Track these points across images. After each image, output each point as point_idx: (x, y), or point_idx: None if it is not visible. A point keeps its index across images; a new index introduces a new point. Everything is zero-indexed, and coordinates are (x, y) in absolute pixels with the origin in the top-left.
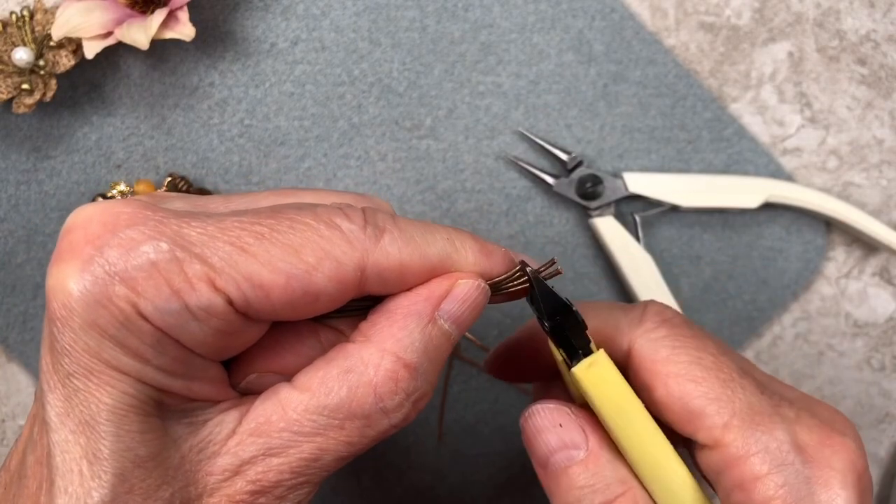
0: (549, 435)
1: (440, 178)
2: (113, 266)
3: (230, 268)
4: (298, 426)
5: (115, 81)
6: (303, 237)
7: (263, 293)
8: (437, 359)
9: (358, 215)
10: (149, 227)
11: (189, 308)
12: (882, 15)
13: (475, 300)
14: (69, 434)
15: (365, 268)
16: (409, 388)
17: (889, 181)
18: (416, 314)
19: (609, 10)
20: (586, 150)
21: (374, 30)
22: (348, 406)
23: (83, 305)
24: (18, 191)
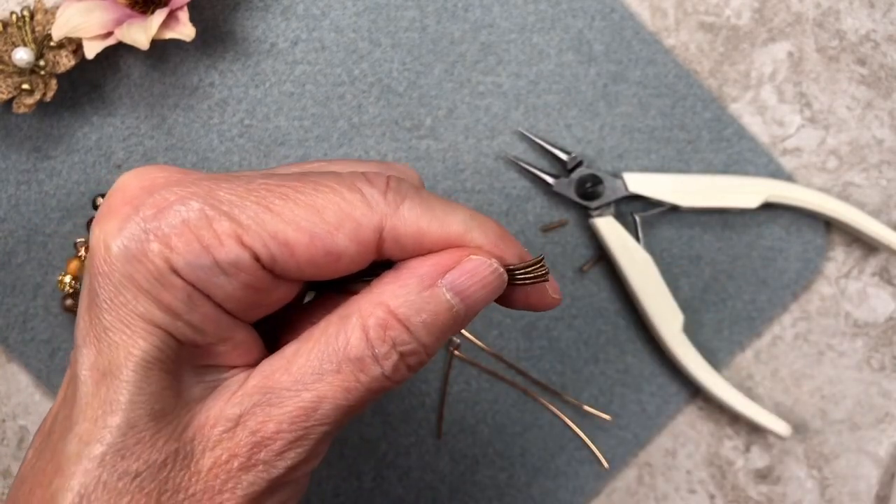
0: None
1: (440, 178)
2: (148, 223)
3: (257, 225)
4: (299, 374)
5: (116, 81)
6: (325, 199)
7: (288, 250)
8: (433, 325)
9: (381, 181)
10: (181, 188)
11: (218, 263)
12: (882, 15)
13: (484, 278)
14: (94, 385)
15: (383, 230)
16: (397, 338)
17: (889, 181)
18: (419, 276)
19: (609, 11)
20: (586, 150)
21: (374, 30)
22: (344, 349)
23: (121, 261)
24: (18, 191)
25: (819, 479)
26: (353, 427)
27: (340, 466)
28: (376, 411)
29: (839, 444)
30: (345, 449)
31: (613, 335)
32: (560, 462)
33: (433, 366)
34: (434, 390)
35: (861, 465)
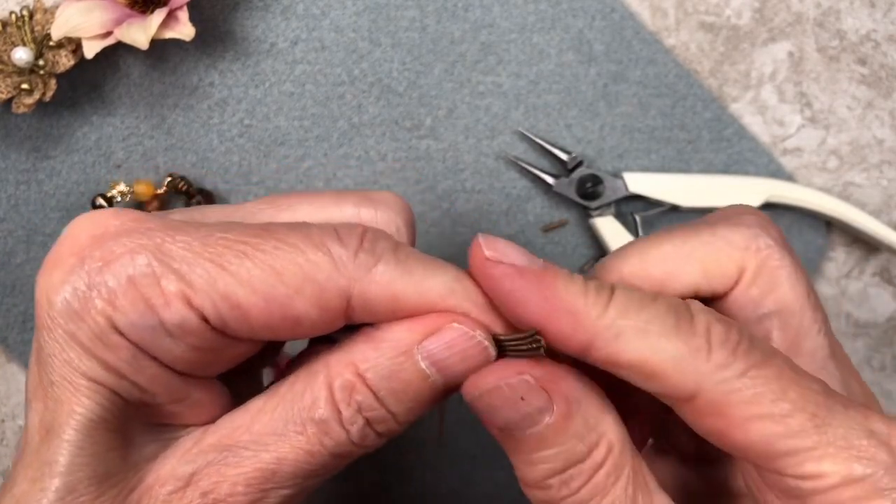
0: (508, 411)
1: (440, 178)
2: (92, 278)
3: (207, 285)
4: (261, 432)
5: (115, 81)
6: (286, 259)
7: (240, 313)
8: (404, 393)
9: (353, 239)
10: (131, 240)
11: (164, 324)
12: (882, 15)
13: (465, 350)
14: (38, 443)
15: (351, 296)
16: (363, 403)
17: (889, 181)
18: (394, 340)
19: (609, 10)
20: (586, 150)
21: (374, 29)
22: (309, 409)
23: (64, 316)
24: (18, 191)
25: None
26: None
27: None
28: None
29: None
30: None
31: None
32: None
33: None
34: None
35: None
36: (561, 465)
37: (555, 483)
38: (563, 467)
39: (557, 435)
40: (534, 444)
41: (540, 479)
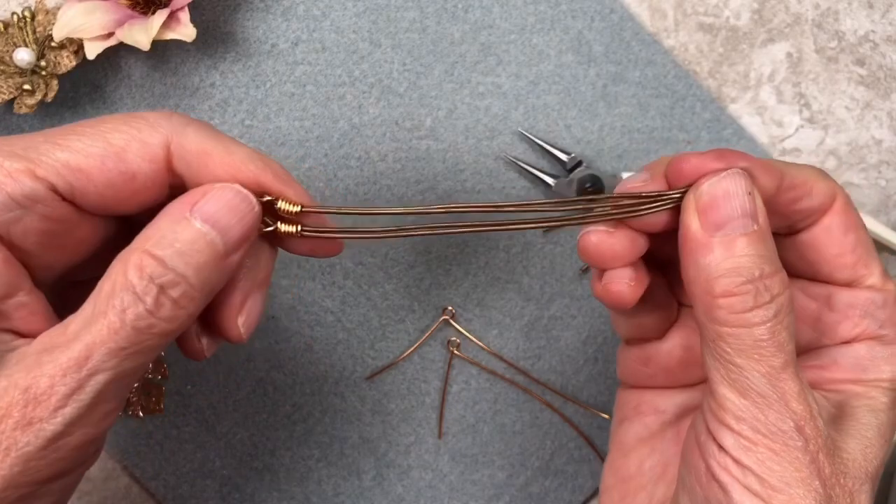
0: (738, 200)
1: (440, 178)
2: None
3: (48, 158)
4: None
5: (117, 82)
6: (111, 127)
7: (83, 176)
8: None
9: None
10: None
11: (12, 197)
12: (880, 16)
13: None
14: None
15: (170, 146)
16: (153, 272)
17: (888, 181)
18: (169, 214)
19: (608, 11)
20: (586, 151)
21: (374, 31)
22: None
23: None
24: None
25: None
26: (353, 426)
27: (341, 465)
28: (376, 410)
29: None
30: (345, 448)
31: (613, 335)
32: (559, 461)
33: (433, 365)
34: (434, 389)
35: None
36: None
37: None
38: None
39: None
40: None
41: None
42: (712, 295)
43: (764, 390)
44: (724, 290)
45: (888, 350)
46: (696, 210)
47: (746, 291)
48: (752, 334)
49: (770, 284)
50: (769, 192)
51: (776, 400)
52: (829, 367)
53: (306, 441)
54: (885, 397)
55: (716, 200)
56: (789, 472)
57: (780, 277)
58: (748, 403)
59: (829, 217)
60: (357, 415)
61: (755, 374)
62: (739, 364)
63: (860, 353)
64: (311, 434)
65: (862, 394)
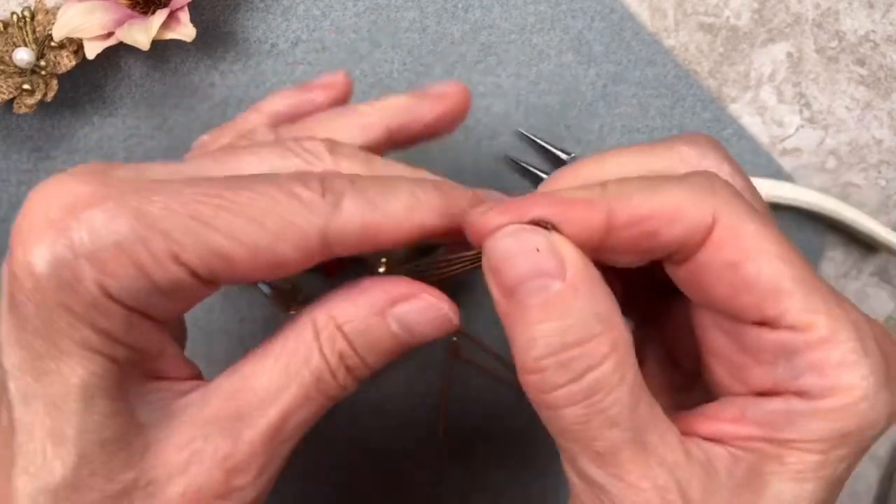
0: (521, 260)
1: None
2: (78, 248)
3: (194, 242)
4: (264, 392)
5: (116, 82)
6: (264, 207)
7: (227, 263)
8: (375, 346)
9: (315, 182)
10: (110, 207)
11: (156, 284)
12: (881, 16)
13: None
14: (34, 415)
15: (327, 234)
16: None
17: (888, 181)
18: (371, 301)
19: (608, 11)
20: (586, 151)
21: (374, 30)
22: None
23: (53, 288)
24: (19, 190)
25: None
26: (352, 426)
27: (340, 466)
28: (375, 411)
29: None
30: (345, 449)
31: None
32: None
33: (433, 365)
34: (435, 390)
35: (860, 465)
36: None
37: (551, 364)
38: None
39: (564, 305)
40: (537, 314)
41: (539, 358)
42: (520, 372)
43: (597, 479)
44: (526, 367)
45: (808, 406)
46: (489, 274)
47: (544, 368)
48: (563, 417)
49: (578, 356)
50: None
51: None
52: (740, 421)
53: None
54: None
55: (496, 263)
56: None
57: (595, 344)
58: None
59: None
60: (356, 415)
61: (582, 459)
62: (567, 447)
63: (775, 409)
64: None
65: (775, 457)
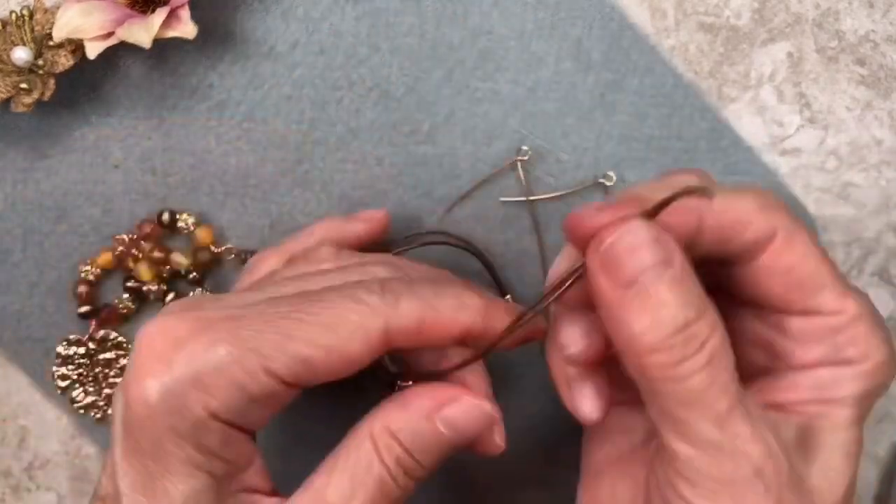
0: (644, 251)
1: (437, 183)
2: (183, 377)
3: (281, 353)
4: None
5: (114, 82)
6: (335, 316)
7: (309, 367)
8: (429, 450)
9: (376, 286)
10: (207, 337)
11: (252, 397)
12: (881, 15)
13: (476, 418)
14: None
15: (389, 330)
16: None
17: (888, 181)
18: (420, 408)
19: (608, 19)
20: (581, 158)
21: (372, 34)
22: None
23: (164, 414)
24: (15, 189)
25: None
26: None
27: None
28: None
29: None
30: None
31: None
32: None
33: None
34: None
35: (860, 465)
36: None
37: (679, 341)
38: (684, 323)
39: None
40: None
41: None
42: (639, 355)
43: (714, 439)
44: (648, 348)
45: (851, 370)
46: (602, 270)
47: (673, 345)
48: (688, 387)
49: (698, 330)
50: (687, 234)
51: (729, 447)
52: (790, 390)
53: (299, 445)
54: (848, 414)
55: (619, 257)
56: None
57: (706, 319)
58: (701, 454)
59: (768, 256)
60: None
61: (702, 423)
62: (684, 417)
63: (822, 375)
64: (304, 439)
65: (824, 413)
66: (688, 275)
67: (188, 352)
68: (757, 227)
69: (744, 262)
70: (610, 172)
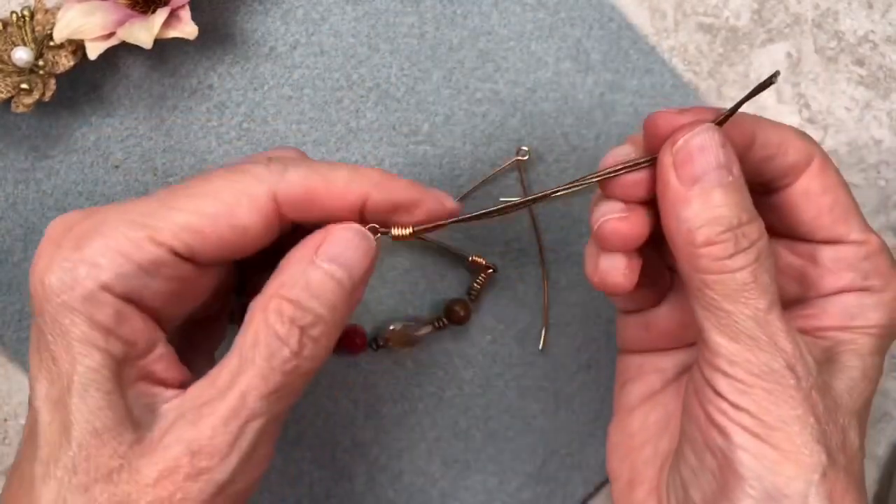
0: (713, 153)
1: (437, 183)
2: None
3: (166, 223)
4: (221, 382)
5: (115, 82)
6: (218, 185)
7: (199, 236)
8: (322, 295)
9: (261, 158)
10: (95, 218)
11: (141, 266)
12: (880, 16)
13: (352, 241)
14: (48, 413)
15: (276, 196)
16: (293, 315)
17: (887, 181)
18: (297, 259)
19: (607, 20)
20: (581, 159)
21: (372, 35)
22: (252, 344)
23: (57, 292)
24: (16, 189)
25: None
26: (345, 430)
27: (332, 469)
28: (369, 415)
29: None
30: (337, 452)
31: (606, 342)
32: (551, 468)
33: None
34: (427, 394)
35: None
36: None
37: (732, 237)
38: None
39: (739, 191)
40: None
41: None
42: (694, 245)
43: (753, 332)
44: (705, 240)
45: (875, 298)
46: (673, 165)
47: (727, 239)
48: (735, 279)
49: (748, 231)
50: (740, 148)
51: (766, 341)
52: (818, 316)
53: (298, 444)
54: (870, 342)
55: (691, 155)
56: (785, 411)
57: (757, 224)
58: (739, 347)
59: (805, 179)
60: (350, 419)
61: (743, 317)
62: (727, 309)
63: (848, 302)
64: (304, 437)
65: (848, 340)
66: (743, 182)
67: (77, 231)
68: (798, 151)
69: (783, 184)
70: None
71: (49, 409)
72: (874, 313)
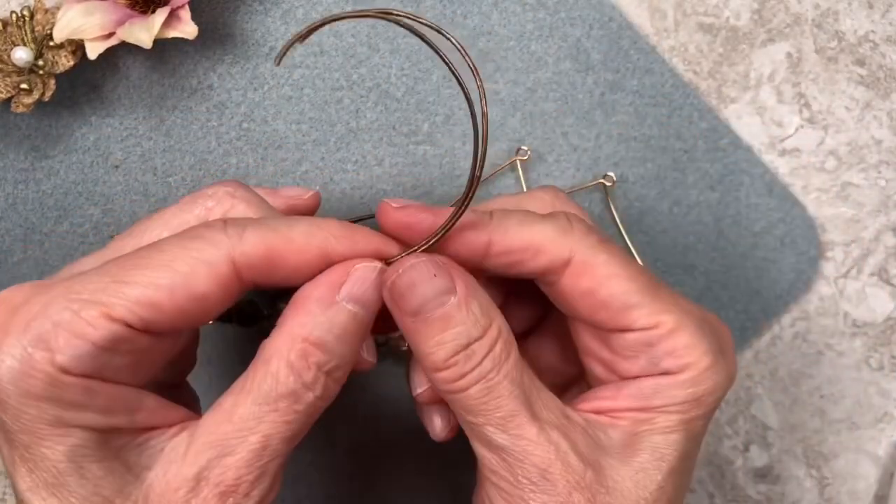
0: (424, 287)
1: (437, 183)
2: (23, 339)
3: (119, 298)
4: (241, 422)
5: (114, 82)
6: (173, 254)
7: (155, 309)
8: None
9: (217, 222)
10: (41, 298)
11: (97, 345)
12: (880, 16)
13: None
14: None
15: (235, 261)
16: (320, 361)
17: (888, 181)
18: (317, 300)
19: (607, 20)
20: (582, 158)
21: (372, 35)
22: (276, 389)
23: (13, 381)
24: (16, 189)
25: (818, 478)
26: (344, 430)
27: (331, 469)
28: (368, 415)
29: (838, 444)
30: (337, 452)
31: None
32: None
33: None
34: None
35: (860, 465)
36: (464, 341)
37: (460, 359)
38: (466, 343)
39: (461, 313)
40: (440, 325)
41: (448, 358)
42: (430, 370)
43: (503, 443)
44: (434, 367)
45: (671, 380)
46: (392, 302)
47: (455, 362)
48: (470, 396)
49: (479, 347)
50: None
51: (516, 451)
52: (616, 398)
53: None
54: (669, 420)
55: (402, 294)
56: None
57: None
58: (495, 457)
59: (567, 279)
60: (350, 419)
61: (488, 428)
62: (476, 421)
63: (644, 386)
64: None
65: (647, 419)
66: (472, 296)
67: (24, 314)
68: (550, 253)
69: (548, 284)
70: (610, 172)
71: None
72: (672, 393)
